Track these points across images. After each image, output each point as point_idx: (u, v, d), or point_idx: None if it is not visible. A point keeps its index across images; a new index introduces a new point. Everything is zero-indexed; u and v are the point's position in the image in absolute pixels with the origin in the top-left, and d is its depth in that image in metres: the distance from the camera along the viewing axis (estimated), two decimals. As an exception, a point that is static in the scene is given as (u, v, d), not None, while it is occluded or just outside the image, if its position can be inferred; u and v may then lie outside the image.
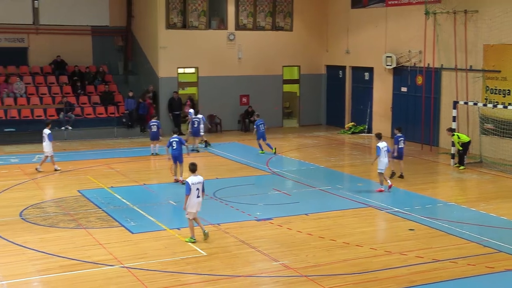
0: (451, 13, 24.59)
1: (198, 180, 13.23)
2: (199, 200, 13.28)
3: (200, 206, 13.40)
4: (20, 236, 13.80)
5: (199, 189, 13.19)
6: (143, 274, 11.66)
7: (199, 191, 13.20)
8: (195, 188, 13.14)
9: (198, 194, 13.20)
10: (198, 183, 13.19)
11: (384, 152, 18.01)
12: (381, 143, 18.09)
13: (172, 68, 29.25)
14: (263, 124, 24.08)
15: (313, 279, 11.46)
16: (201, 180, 13.28)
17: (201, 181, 13.25)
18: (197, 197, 13.20)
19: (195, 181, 13.18)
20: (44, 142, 20.64)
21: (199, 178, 13.28)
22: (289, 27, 31.59)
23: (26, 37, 29.67)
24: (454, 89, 24.73)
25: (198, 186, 13.18)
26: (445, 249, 13.25)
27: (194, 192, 13.14)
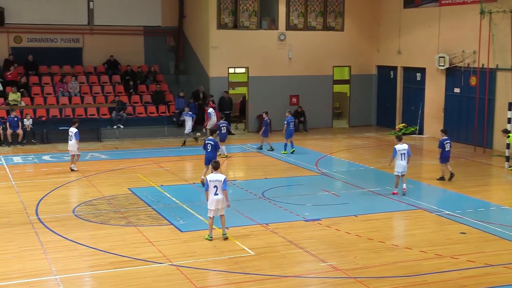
0: (507, 12, 24.02)
1: (217, 178, 13.17)
2: (217, 198, 13.20)
3: (221, 204, 13.29)
4: (72, 232, 14.11)
5: (217, 187, 13.12)
6: (192, 272, 11.76)
7: (217, 189, 13.13)
8: (212, 185, 13.13)
9: (216, 192, 13.15)
10: (216, 181, 13.15)
11: (402, 155, 17.44)
12: (400, 146, 17.55)
13: (222, 68, 29.44)
14: (293, 122, 24.10)
15: (361, 281, 11.36)
16: (221, 178, 13.18)
17: (220, 179, 13.15)
18: (214, 194, 13.16)
19: (213, 178, 13.19)
20: (70, 141, 20.60)
21: (219, 176, 13.22)
22: (340, 27, 31.39)
23: (81, 38, 30.34)
24: (510, 90, 24.14)
25: (217, 184, 13.13)
26: (498, 254, 12.94)
27: (212, 189, 13.15)
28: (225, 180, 13.20)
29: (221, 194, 13.20)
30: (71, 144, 20.66)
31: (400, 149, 17.51)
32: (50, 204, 16.69)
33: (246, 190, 18.50)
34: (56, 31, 29.72)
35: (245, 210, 16.02)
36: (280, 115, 30.24)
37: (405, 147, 17.60)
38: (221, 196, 13.22)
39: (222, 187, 13.16)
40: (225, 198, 13.28)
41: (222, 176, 13.24)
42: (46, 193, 17.79)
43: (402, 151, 17.51)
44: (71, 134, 20.58)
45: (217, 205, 13.27)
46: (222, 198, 13.25)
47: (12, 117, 25.38)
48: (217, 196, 13.19)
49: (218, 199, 13.23)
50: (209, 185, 13.17)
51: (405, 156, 17.49)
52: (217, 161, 13.64)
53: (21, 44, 29.45)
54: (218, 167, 13.38)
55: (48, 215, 15.49)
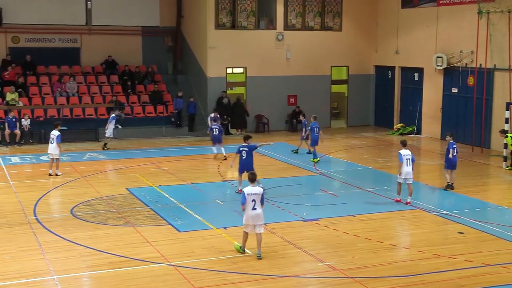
0: (505, 12, 24.05)
1: (256, 191, 12.18)
2: (255, 213, 12.17)
3: (260, 220, 12.27)
4: (71, 232, 14.10)
5: (256, 200, 12.11)
6: (190, 272, 11.76)
7: (256, 203, 12.12)
8: (250, 199, 12.11)
9: (254, 206, 12.12)
10: (254, 194, 12.14)
11: (407, 160, 16.58)
12: (404, 151, 16.73)
13: (220, 68, 29.44)
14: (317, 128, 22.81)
15: (359, 281, 11.37)
16: (259, 191, 12.22)
17: (258, 193, 12.18)
18: (252, 209, 12.13)
19: (251, 191, 12.18)
20: (51, 144, 19.96)
21: (257, 189, 12.29)
22: (338, 27, 31.41)
23: (79, 38, 30.32)
24: (508, 90, 24.17)
25: (255, 198, 12.12)
26: (496, 253, 12.96)
27: (250, 203, 12.12)
28: (263, 194, 12.31)
29: (260, 208, 12.20)
30: (52, 147, 19.95)
31: (405, 154, 16.61)
32: (48, 204, 16.70)
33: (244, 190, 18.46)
34: (54, 31, 29.70)
35: (243, 210, 16.01)
36: (278, 115, 30.36)
37: (409, 153, 16.70)
38: (260, 210, 12.21)
39: (261, 200, 12.23)
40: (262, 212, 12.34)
41: (260, 189, 12.32)
42: (44, 193, 17.78)
43: (407, 156, 16.61)
44: (53, 136, 19.94)
45: (254, 221, 12.22)
46: (261, 213, 12.26)
47: (10, 117, 25.35)
48: (255, 211, 12.15)
49: (257, 214, 12.19)
50: (247, 199, 12.10)
51: (408, 161, 16.63)
52: (254, 173, 12.67)
53: (19, 44, 29.42)
54: (255, 179, 12.43)
55: (46, 215, 15.49)
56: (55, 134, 20.08)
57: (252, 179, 12.40)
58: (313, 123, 22.85)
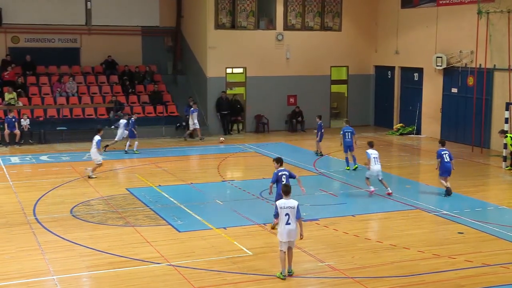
0: (505, 12, 24.05)
1: (289, 205, 11.40)
2: (289, 228, 11.36)
3: (294, 235, 11.46)
4: (70, 233, 14.10)
5: (289, 214, 11.32)
6: (189, 272, 11.76)
7: (289, 217, 11.32)
8: (283, 213, 11.35)
9: (288, 221, 11.32)
10: (288, 208, 11.37)
11: (374, 159, 17.43)
12: (371, 150, 17.62)
13: (220, 68, 29.43)
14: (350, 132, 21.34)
15: (359, 281, 11.37)
16: (293, 205, 11.40)
17: (293, 206, 11.38)
18: (286, 224, 11.34)
19: (284, 205, 11.42)
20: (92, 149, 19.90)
21: (291, 202, 11.44)
22: (338, 27, 31.40)
23: (79, 38, 30.31)
24: (507, 90, 24.16)
25: (289, 212, 11.33)
26: (495, 253, 12.97)
27: (283, 217, 11.34)
28: (298, 207, 11.45)
29: (294, 223, 11.41)
30: (92, 152, 19.97)
31: (372, 153, 17.51)
32: (47, 204, 16.68)
33: (244, 190, 18.50)
34: (54, 31, 29.69)
35: (242, 210, 16.03)
36: (278, 115, 30.34)
37: (375, 153, 17.55)
38: (294, 225, 11.41)
39: (295, 215, 11.43)
40: (299, 227, 11.55)
41: (294, 202, 11.45)
42: (44, 193, 17.78)
43: (374, 155, 17.46)
44: (94, 142, 19.83)
45: (289, 237, 11.38)
46: (295, 228, 11.46)
47: (10, 118, 25.34)
48: (289, 226, 11.35)
49: (291, 229, 11.37)
50: (280, 213, 11.38)
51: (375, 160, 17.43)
52: (288, 185, 12.04)
53: (18, 44, 29.41)
54: (289, 192, 11.61)
55: (46, 216, 15.48)
56: (96, 140, 19.80)
57: (286, 191, 11.66)
58: (345, 128, 21.55)
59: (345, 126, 21.85)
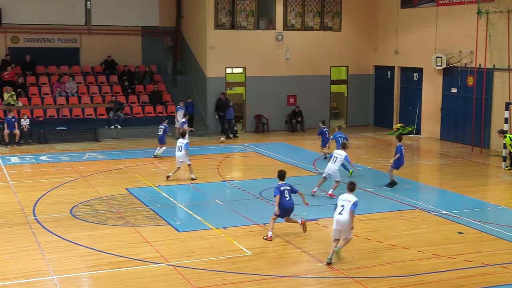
0: (504, 12, 24.05)
1: (348, 198, 12.42)
2: (339, 218, 12.39)
3: (342, 225, 12.38)
4: (70, 233, 14.10)
5: (344, 206, 12.37)
6: (189, 272, 11.77)
7: (344, 209, 12.36)
8: (340, 204, 12.47)
9: (341, 211, 12.41)
10: (345, 200, 12.41)
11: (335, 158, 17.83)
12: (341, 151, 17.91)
13: (220, 68, 29.43)
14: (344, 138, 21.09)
15: (358, 281, 11.38)
16: (352, 199, 12.35)
17: (350, 200, 12.34)
18: (339, 214, 12.42)
19: (344, 197, 12.52)
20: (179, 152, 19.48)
21: (351, 197, 12.44)
22: (338, 27, 31.41)
23: (78, 38, 30.31)
24: (507, 90, 24.17)
25: (345, 204, 12.39)
26: (495, 253, 12.97)
27: (338, 208, 12.46)
28: (356, 202, 12.35)
29: (346, 214, 12.31)
30: (180, 156, 19.52)
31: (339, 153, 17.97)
32: (47, 204, 16.67)
33: (243, 190, 18.51)
34: (54, 31, 29.69)
35: (242, 210, 16.03)
36: (278, 115, 30.33)
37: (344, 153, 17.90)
38: (345, 217, 12.32)
39: (350, 207, 12.29)
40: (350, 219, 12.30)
41: (354, 198, 12.41)
42: (44, 193, 17.77)
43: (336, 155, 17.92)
44: (181, 144, 19.49)
45: (338, 225, 12.43)
46: (346, 219, 12.32)
47: (9, 118, 25.35)
48: (340, 216, 12.37)
49: (339, 219, 12.40)
50: (337, 204, 12.53)
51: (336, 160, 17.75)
52: (353, 182, 12.86)
53: (18, 44, 29.41)
54: (354, 189, 12.67)
55: (46, 216, 15.48)
56: (183, 142, 19.59)
57: (351, 188, 12.59)
58: (337, 133, 21.44)
59: (337, 131, 21.62)
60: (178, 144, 19.63)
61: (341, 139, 20.91)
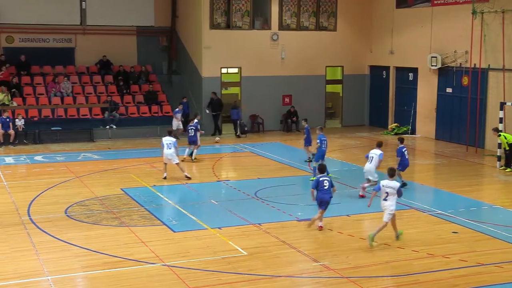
0: (499, 12, 24.11)
1: (391, 185, 13.44)
2: (384, 204, 13.49)
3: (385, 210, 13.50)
4: (65, 233, 14.08)
5: (389, 193, 13.41)
6: (184, 272, 11.76)
7: (388, 195, 13.41)
8: (384, 190, 13.45)
9: (385, 198, 13.45)
10: (389, 187, 13.43)
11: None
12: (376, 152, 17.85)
13: (215, 68, 29.42)
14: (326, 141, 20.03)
15: (353, 281, 11.39)
16: (395, 186, 13.45)
17: (393, 187, 13.42)
18: (383, 200, 13.49)
19: (387, 184, 13.47)
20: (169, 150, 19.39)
21: (394, 183, 13.49)
22: (333, 27, 31.43)
23: (73, 38, 30.25)
24: (502, 90, 24.23)
25: (388, 190, 13.42)
26: (490, 253, 13.00)
27: (383, 194, 13.50)
28: (399, 189, 13.50)
29: (391, 200, 13.42)
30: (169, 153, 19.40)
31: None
32: (42, 204, 16.64)
33: (239, 190, 18.51)
34: (49, 31, 29.63)
35: (238, 210, 16.03)
36: (273, 115, 30.34)
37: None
38: (388, 202, 13.43)
39: (397, 194, 13.46)
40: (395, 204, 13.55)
41: (396, 184, 13.52)
42: (38, 193, 17.74)
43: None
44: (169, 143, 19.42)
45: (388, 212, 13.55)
46: (388, 204, 13.42)
47: (4, 118, 25.29)
48: (385, 201, 13.50)
49: (383, 205, 13.54)
50: (382, 190, 13.53)
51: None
52: (393, 168, 13.93)
53: (13, 44, 29.34)
54: (394, 175, 13.71)
55: (40, 216, 15.45)
56: (172, 140, 19.52)
57: (391, 174, 13.62)
58: (320, 135, 19.93)
59: (319, 134, 19.97)
60: (166, 142, 19.56)
61: (324, 142, 19.79)
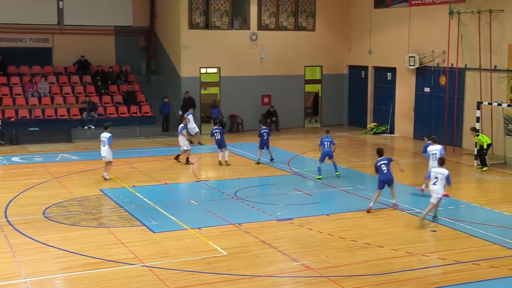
0: (475, 13, 24.35)
1: (441, 171, 14.89)
2: (433, 188, 14.88)
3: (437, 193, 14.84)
4: (43, 234, 13.95)
5: (438, 178, 14.85)
6: (164, 273, 11.72)
7: (437, 180, 14.85)
8: (434, 176, 14.95)
9: (434, 182, 14.89)
10: (439, 173, 14.89)
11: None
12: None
13: (194, 68, 29.35)
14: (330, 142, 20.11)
15: (333, 280, 11.43)
16: (443, 172, 14.88)
17: (443, 173, 14.86)
18: (433, 184, 14.93)
19: (437, 170, 14.99)
20: (103, 147, 19.41)
21: (443, 170, 14.93)
22: (312, 27, 31.53)
23: (51, 37, 29.97)
24: (478, 90, 24.48)
25: (438, 176, 14.87)
26: (467, 251, 13.14)
27: (432, 179, 15.01)
28: (448, 175, 14.95)
29: (440, 185, 14.87)
30: (103, 150, 19.44)
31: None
32: (19, 206, 16.48)
33: (218, 190, 18.49)
34: (25, 31, 29.32)
35: (217, 210, 16.01)
36: (252, 115, 30.33)
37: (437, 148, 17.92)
38: (437, 187, 14.88)
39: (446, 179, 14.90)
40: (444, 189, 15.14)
41: (446, 171, 14.95)
42: (16, 195, 17.56)
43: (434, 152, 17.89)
44: (104, 139, 19.38)
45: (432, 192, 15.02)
46: (437, 188, 14.87)
47: (-20, 119, 25.03)
48: (434, 186, 14.93)
49: (433, 189, 14.93)
50: (431, 175, 15.11)
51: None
52: (443, 158, 15.67)
53: (-11, 44, 29.04)
54: (443, 163, 15.27)
55: (18, 217, 15.30)
56: (106, 136, 19.38)
57: (441, 163, 15.27)
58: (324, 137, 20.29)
59: (324, 135, 20.46)
60: (101, 139, 19.45)
61: (327, 143, 19.99)
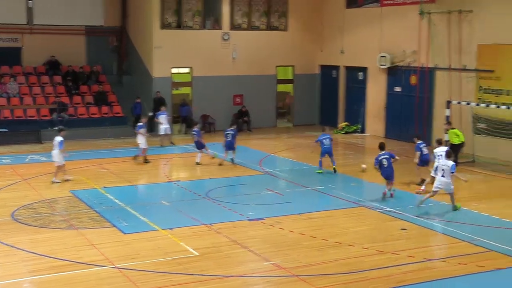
0: (445, 13, 24.64)
1: (447, 164, 15.67)
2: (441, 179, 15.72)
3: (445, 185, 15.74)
4: (11, 237, 13.75)
5: (445, 170, 15.63)
6: (135, 274, 11.64)
7: (444, 172, 15.62)
8: (441, 168, 15.80)
9: (442, 174, 15.69)
10: (445, 165, 15.68)
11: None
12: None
13: (166, 68, 29.21)
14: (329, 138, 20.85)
15: (304, 279, 11.46)
16: (448, 164, 15.66)
17: (448, 165, 15.64)
18: (442, 176, 15.73)
19: (444, 163, 15.79)
20: (54, 151, 19.27)
21: (449, 162, 15.68)
22: (284, 27, 31.59)
23: (20, 37, 29.56)
24: (448, 89, 24.77)
25: (444, 168, 15.65)
26: (437, 248, 13.33)
27: (440, 171, 15.85)
28: (453, 166, 15.64)
29: (447, 178, 15.63)
30: (53, 154, 19.25)
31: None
32: (-13, 208, 16.23)
33: (190, 190, 18.43)
34: (-7, 30, 28.93)
35: (189, 211, 15.96)
36: (224, 115, 30.26)
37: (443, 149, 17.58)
38: (444, 179, 15.66)
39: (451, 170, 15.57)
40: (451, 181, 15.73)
41: (451, 162, 15.70)
42: (-16, 197, 17.31)
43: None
44: (56, 143, 19.17)
45: (439, 185, 15.80)
46: (445, 181, 15.66)
47: None
48: (443, 178, 15.70)
49: (441, 180, 15.73)
50: (438, 168, 16.00)
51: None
52: (450, 151, 16.37)
53: (-45, 44, 28.56)
54: (450, 156, 16.10)
55: (-14, 220, 15.08)
56: (57, 140, 19.12)
57: (449, 155, 16.04)
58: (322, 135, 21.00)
59: (322, 133, 21.06)
60: (53, 142, 19.27)
61: (326, 139, 20.56)
